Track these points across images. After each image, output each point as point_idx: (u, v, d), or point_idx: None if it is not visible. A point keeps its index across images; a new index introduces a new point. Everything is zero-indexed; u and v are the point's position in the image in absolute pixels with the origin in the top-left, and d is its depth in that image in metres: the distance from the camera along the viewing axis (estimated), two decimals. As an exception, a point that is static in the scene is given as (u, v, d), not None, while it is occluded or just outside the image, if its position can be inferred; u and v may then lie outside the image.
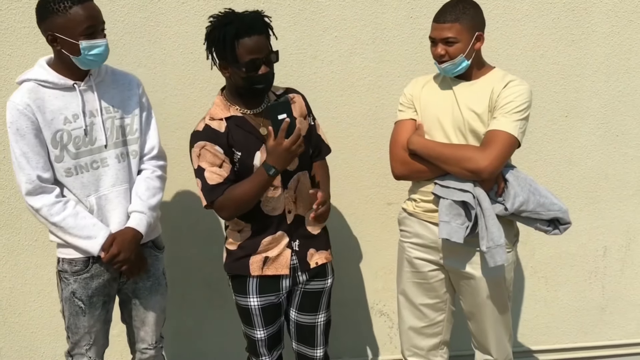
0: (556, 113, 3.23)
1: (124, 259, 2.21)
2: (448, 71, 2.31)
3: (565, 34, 3.15)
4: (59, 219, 2.14)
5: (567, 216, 2.32)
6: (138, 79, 2.39)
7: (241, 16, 2.20)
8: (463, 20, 2.23)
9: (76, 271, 2.24)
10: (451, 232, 2.25)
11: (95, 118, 2.22)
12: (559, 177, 3.30)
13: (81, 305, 2.26)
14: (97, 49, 2.12)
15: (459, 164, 2.24)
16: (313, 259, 2.42)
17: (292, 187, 2.37)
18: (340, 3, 2.99)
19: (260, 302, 2.39)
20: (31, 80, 2.16)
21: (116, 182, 2.26)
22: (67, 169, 2.17)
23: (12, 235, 2.98)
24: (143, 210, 2.28)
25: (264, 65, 2.20)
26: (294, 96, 2.40)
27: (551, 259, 3.39)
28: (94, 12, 2.11)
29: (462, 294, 2.45)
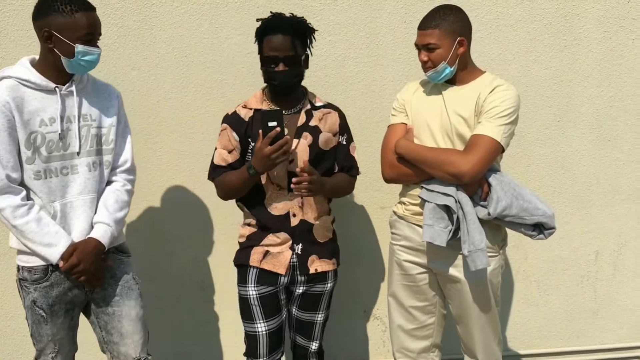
0: (548, 118, 3.25)
1: (83, 269, 2.15)
2: (433, 78, 2.34)
3: (557, 40, 3.17)
4: (21, 222, 2.09)
5: (551, 221, 2.32)
6: (118, 91, 2.37)
7: (278, 17, 2.35)
8: (442, 26, 2.25)
9: (36, 279, 2.19)
10: (434, 236, 2.27)
11: (71, 124, 2.19)
12: (551, 181, 3.32)
13: (42, 314, 2.20)
14: (90, 56, 2.12)
15: (441, 167, 2.26)
16: (313, 265, 2.46)
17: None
18: (335, 7, 3.00)
19: (258, 292, 2.44)
20: (12, 78, 2.12)
21: (83, 190, 2.22)
22: (37, 172, 2.13)
23: (3, 239, 2.96)
24: (109, 222, 2.23)
25: (282, 64, 2.29)
26: (329, 112, 2.49)
27: (543, 263, 3.40)
28: (96, 22, 2.14)
29: (449, 297, 2.47)
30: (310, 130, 2.42)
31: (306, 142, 2.41)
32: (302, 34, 2.35)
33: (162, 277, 3.07)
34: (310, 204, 2.44)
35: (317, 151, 2.42)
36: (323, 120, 2.46)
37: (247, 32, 2.83)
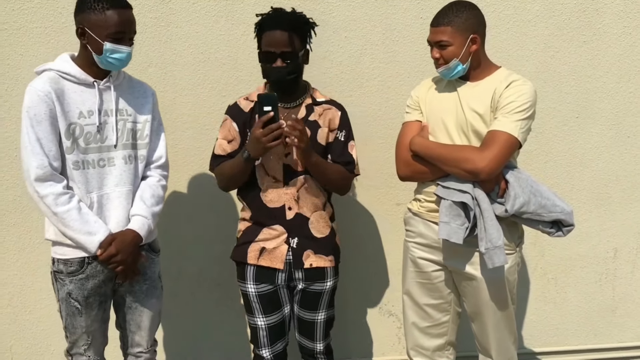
0: (567, 114, 3.21)
1: (121, 260, 2.20)
2: (445, 75, 2.32)
3: (576, 35, 3.13)
4: (62, 209, 2.13)
5: (569, 218, 2.29)
6: (153, 90, 2.42)
7: (277, 12, 2.35)
8: (455, 23, 2.23)
9: (71, 272, 2.23)
10: (450, 233, 2.25)
11: (109, 117, 2.24)
12: (569, 178, 3.29)
13: (77, 305, 2.25)
14: (119, 54, 2.15)
15: (457, 164, 2.24)
16: (308, 260, 2.45)
17: (295, 185, 2.41)
18: (350, 4, 2.99)
19: (257, 290, 2.46)
20: (53, 71, 2.18)
21: (120, 182, 2.27)
22: (75, 162, 2.18)
23: (23, 234, 3.00)
24: (147, 215, 2.28)
25: (280, 60, 2.29)
26: (330, 108, 2.48)
27: (561, 261, 3.37)
28: (128, 20, 2.15)
29: (464, 294, 2.44)
30: (308, 124, 2.40)
31: None
32: (300, 29, 2.34)
33: (177, 273, 3.09)
34: (306, 196, 2.43)
35: (314, 146, 2.39)
36: (323, 116, 2.45)
37: (263, 28, 2.83)
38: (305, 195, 2.43)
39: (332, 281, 2.52)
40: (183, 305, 3.16)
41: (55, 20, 2.83)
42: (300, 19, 2.36)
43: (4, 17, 2.79)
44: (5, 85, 2.85)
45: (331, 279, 2.52)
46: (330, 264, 2.50)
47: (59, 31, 2.84)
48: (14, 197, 2.96)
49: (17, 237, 3.00)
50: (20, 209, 2.97)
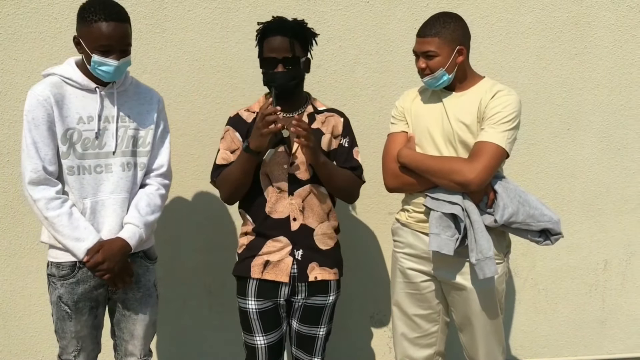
0: (558, 126, 3.24)
1: (107, 268, 2.17)
2: (430, 85, 2.34)
3: (568, 47, 3.17)
4: (53, 214, 2.12)
5: (557, 227, 2.31)
6: (160, 96, 2.41)
7: (278, 20, 2.36)
8: (443, 35, 2.25)
9: (63, 275, 2.22)
10: (441, 245, 2.25)
11: (109, 124, 2.24)
12: (560, 190, 3.31)
13: (67, 310, 2.23)
14: (106, 67, 2.14)
15: (446, 176, 2.25)
16: (313, 272, 2.41)
17: (301, 195, 2.38)
18: (345, 13, 3.01)
19: (258, 306, 2.41)
20: (56, 75, 2.19)
21: (116, 189, 2.26)
22: (70, 167, 2.18)
23: (14, 239, 2.99)
24: (139, 224, 2.26)
25: (281, 65, 2.30)
26: (332, 115, 2.48)
27: (552, 272, 3.39)
28: (117, 33, 2.12)
29: (453, 305, 2.45)
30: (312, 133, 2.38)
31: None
32: (301, 36, 2.35)
33: (169, 280, 3.08)
34: (312, 207, 2.41)
35: None
36: (326, 123, 2.45)
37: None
38: (310, 205, 2.40)
39: (334, 295, 2.48)
40: (174, 313, 3.15)
41: (50, 25, 2.83)
42: (302, 26, 2.37)
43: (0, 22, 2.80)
44: (-1, 90, 2.85)
45: (334, 292, 2.48)
46: (334, 277, 2.47)
47: (53, 36, 2.84)
48: (5, 202, 2.94)
49: (8, 242, 2.98)
50: (11, 214, 2.96)
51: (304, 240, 2.40)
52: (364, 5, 3.02)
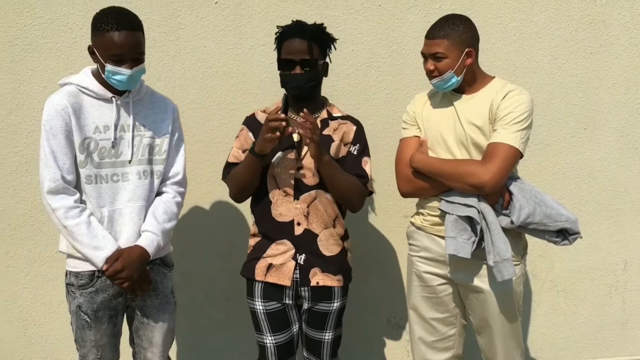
0: (575, 125, 3.21)
1: (127, 276, 2.18)
2: (438, 87, 2.32)
3: (583, 46, 3.14)
4: (72, 223, 2.14)
5: (575, 226, 2.29)
6: (175, 105, 2.43)
7: (297, 23, 2.39)
8: (451, 37, 2.24)
9: (82, 285, 2.24)
10: (458, 248, 2.24)
11: (125, 133, 2.25)
12: (577, 190, 3.28)
13: (87, 319, 2.25)
14: (119, 76, 2.15)
15: (461, 179, 2.24)
16: (315, 277, 2.42)
17: (306, 200, 2.39)
18: (357, 17, 3.02)
19: (265, 307, 2.44)
20: (73, 85, 2.21)
21: (133, 197, 2.27)
22: (88, 176, 2.19)
23: (33, 247, 3.02)
24: (156, 232, 2.27)
25: (299, 67, 2.31)
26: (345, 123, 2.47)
27: (571, 273, 3.35)
28: (129, 42, 2.13)
29: (471, 308, 2.43)
30: (322, 139, 2.38)
31: None
32: (320, 40, 2.36)
33: (185, 287, 3.10)
34: (316, 213, 2.40)
35: None
36: (337, 131, 2.45)
37: (270, 42, 2.85)
38: (315, 211, 2.40)
39: (339, 302, 2.48)
40: (192, 319, 3.16)
41: (66, 35, 2.87)
42: (320, 30, 2.39)
43: (16, 33, 2.84)
44: (17, 100, 2.89)
45: (338, 299, 2.47)
46: (337, 283, 2.45)
47: (69, 46, 2.87)
48: (25, 211, 2.98)
49: (28, 250, 3.02)
50: (30, 223, 3.00)
51: (307, 246, 2.40)
52: (376, 8, 3.02)
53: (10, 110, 2.89)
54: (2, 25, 2.82)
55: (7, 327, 3.07)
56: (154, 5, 2.89)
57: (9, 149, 2.92)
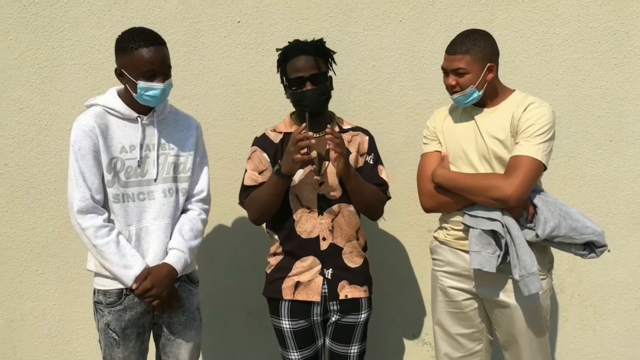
0: (600, 137, 3.18)
1: (156, 294, 2.21)
2: (459, 102, 2.32)
3: (606, 58, 3.11)
4: (101, 242, 2.17)
5: (602, 239, 2.25)
6: (198, 123, 2.47)
7: (297, 41, 2.40)
8: (473, 52, 2.23)
9: (110, 303, 2.26)
10: (483, 262, 2.22)
11: (150, 152, 2.29)
12: (604, 202, 3.23)
13: (115, 337, 2.27)
14: (153, 91, 2.19)
15: (484, 193, 2.23)
16: (343, 291, 2.42)
17: (330, 215, 2.41)
18: (378, 33, 3.04)
19: (292, 326, 2.44)
20: (100, 106, 2.25)
21: (159, 215, 2.30)
22: (115, 195, 2.23)
23: (62, 264, 3.07)
24: (183, 249, 2.30)
25: (309, 83, 2.33)
26: (357, 134, 2.51)
27: (599, 287, 3.30)
28: (158, 56, 2.18)
29: (497, 323, 2.40)
30: None
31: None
32: (323, 53, 2.38)
33: (211, 303, 3.12)
34: (340, 226, 2.42)
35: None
36: (352, 142, 2.47)
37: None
38: (339, 225, 2.42)
39: (366, 313, 2.49)
40: (216, 335, 3.18)
41: (93, 57, 2.94)
42: (322, 44, 2.41)
43: (45, 55, 2.91)
44: (46, 120, 2.96)
45: (365, 310, 2.48)
46: (364, 294, 2.47)
47: (96, 67, 2.94)
48: (54, 229, 3.04)
49: (57, 267, 3.07)
50: (59, 240, 3.05)
51: (333, 259, 2.41)
52: (397, 24, 3.04)
53: (39, 130, 2.96)
54: (32, 48, 2.90)
55: (36, 343, 3.12)
56: (178, 26, 2.95)
57: (38, 168, 2.98)
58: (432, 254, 2.53)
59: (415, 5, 3.03)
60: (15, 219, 3.02)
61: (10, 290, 3.07)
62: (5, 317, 3.09)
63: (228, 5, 2.97)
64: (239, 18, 2.99)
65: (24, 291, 3.07)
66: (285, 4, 2.99)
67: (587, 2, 3.07)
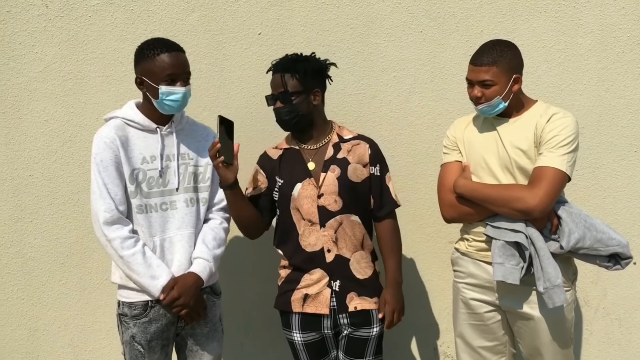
0: (625, 148, 3.13)
1: (184, 303, 2.23)
2: (485, 112, 2.30)
3: (631, 68, 3.07)
4: (128, 253, 2.19)
5: (627, 250, 2.22)
6: (215, 132, 2.48)
7: (282, 57, 2.44)
8: (500, 63, 2.21)
9: (135, 315, 2.28)
10: (506, 274, 2.20)
11: (171, 162, 2.31)
12: (630, 214, 3.18)
13: (140, 349, 2.28)
14: (174, 96, 2.23)
15: (507, 204, 2.20)
16: (352, 302, 2.40)
17: (332, 226, 2.40)
18: (399, 44, 3.03)
19: (303, 338, 2.43)
20: (119, 118, 2.28)
21: (182, 225, 2.32)
22: (139, 206, 2.25)
23: (85, 274, 3.10)
24: (208, 258, 2.32)
25: (278, 101, 2.38)
26: (358, 143, 2.48)
27: (625, 300, 3.24)
28: (179, 62, 2.24)
29: (520, 336, 2.36)
30: (338, 162, 2.41)
31: (334, 175, 2.39)
32: (295, 71, 2.36)
33: (231, 313, 3.12)
34: (345, 237, 2.40)
35: (346, 183, 2.39)
36: (352, 152, 2.45)
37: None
38: (343, 235, 2.40)
39: (378, 326, 2.45)
40: (236, 346, 3.17)
41: (116, 69, 2.97)
42: (298, 61, 2.40)
43: (70, 68, 2.96)
44: (70, 132, 3.00)
45: (377, 323, 2.45)
46: (375, 306, 2.44)
47: (119, 79, 2.98)
48: (77, 239, 3.07)
49: (79, 277, 3.10)
50: (82, 251, 3.08)
51: (341, 271, 2.40)
52: (418, 35, 3.04)
53: (63, 142, 3.00)
54: (57, 60, 2.94)
55: (59, 353, 3.15)
56: (200, 38, 2.98)
57: (62, 179, 3.02)
58: (453, 266, 2.51)
59: (435, 16, 3.03)
60: (39, 229, 3.05)
61: (34, 300, 3.10)
62: (28, 327, 3.12)
63: (249, 17, 2.99)
64: (260, 30, 3.01)
65: (47, 301, 3.10)
66: (306, 16, 3.01)
67: (610, 12, 3.04)
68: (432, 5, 3.02)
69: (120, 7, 2.93)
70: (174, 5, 2.95)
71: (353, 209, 2.41)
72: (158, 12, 2.95)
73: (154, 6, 2.94)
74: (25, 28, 2.91)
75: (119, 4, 2.93)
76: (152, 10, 2.94)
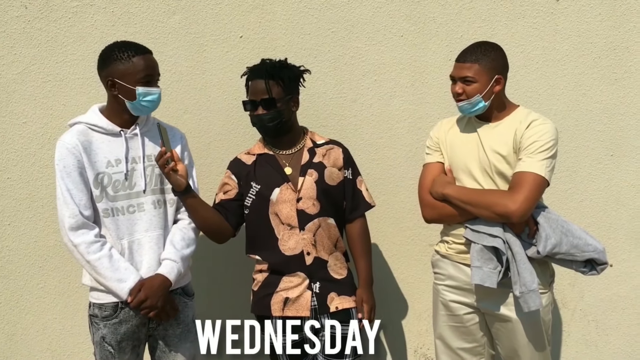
0: (601, 152, 3.18)
1: (151, 305, 2.23)
2: (465, 110, 2.32)
3: (607, 73, 3.13)
4: (94, 257, 2.19)
5: (602, 256, 2.26)
6: (182, 133, 2.50)
7: (260, 63, 2.46)
8: (483, 62, 2.25)
9: (106, 316, 2.27)
10: (484, 278, 2.23)
11: (137, 164, 2.31)
12: (606, 217, 3.23)
13: (111, 350, 2.28)
14: (151, 96, 2.25)
15: (488, 208, 2.23)
16: (333, 303, 2.43)
17: (311, 230, 2.42)
18: (379, 48, 3.06)
19: (283, 342, 2.42)
20: (82, 123, 2.28)
21: (150, 227, 2.32)
22: (105, 210, 2.25)
23: (63, 278, 3.07)
24: (176, 259, 2.31)
25: (261, 107, 2.38)
26: (332, 147, 2.53)
27: (601, 302, 3.29)
28: (153, 63, 2.28)
29: (498, 337, 2.39)
30: (315, 166, 2.46)
31: (312, 179, 2.43)
32: (279, 77, 2.39)
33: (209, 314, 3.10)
34: (322, 239, 2.44)
35: (323, 186, 2.44)
36: (327, 156, 2.50)
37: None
38: (321, 238, 2.44)
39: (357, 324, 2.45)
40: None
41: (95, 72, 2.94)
42: (279, 67, 2.43)
43: (49, 69, 2.93)
44: (49, 135, 2.97)
45: (356, 319, 2.46)
46: (354, 304, 2.47)
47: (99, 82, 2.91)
48: (55, 242, 3.04)
49: (58, 281, 3.07)
50: (60, 254, 3.05)
51: (320, 273, 2.43)
52: (398, 39, 3.06)
53: (42, 144, 2.97)
54: (36, 62, 2.92)
55: (37, 357, 3.11)
56: (181, 41, 2.97)
57: (41, 182, 2.99)
58: (433, 268, 2.53)
59: (416, 20, 3.05)
60: (17, 232, 3.02)
61: (12, 304, 3.06)
62: (6, 332, 3.08)
63: (231, 20, 3.00)
64: (242, 33, 3.01)
65: (25, 305, 3.07)
66: (287, 20, 3.02)
67: (588, 18, 3.10)
68: (413, 10, 3.05)
69: (100, 9, 2.91)
70: (155, 7, 2.94)
71: (329, 211, 2.46)
72: (139, 15, 2.94)
73: (135, 8, 2.93)
74: (4, 29, 2.88)
75: (100, 6, 2.91)
76: (132, 13, 2.93)
